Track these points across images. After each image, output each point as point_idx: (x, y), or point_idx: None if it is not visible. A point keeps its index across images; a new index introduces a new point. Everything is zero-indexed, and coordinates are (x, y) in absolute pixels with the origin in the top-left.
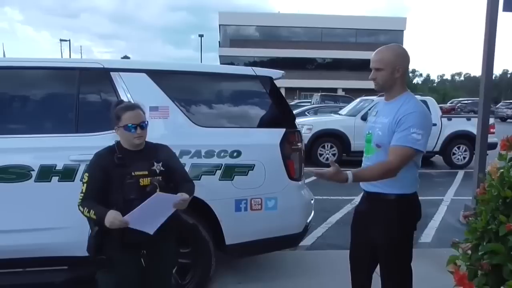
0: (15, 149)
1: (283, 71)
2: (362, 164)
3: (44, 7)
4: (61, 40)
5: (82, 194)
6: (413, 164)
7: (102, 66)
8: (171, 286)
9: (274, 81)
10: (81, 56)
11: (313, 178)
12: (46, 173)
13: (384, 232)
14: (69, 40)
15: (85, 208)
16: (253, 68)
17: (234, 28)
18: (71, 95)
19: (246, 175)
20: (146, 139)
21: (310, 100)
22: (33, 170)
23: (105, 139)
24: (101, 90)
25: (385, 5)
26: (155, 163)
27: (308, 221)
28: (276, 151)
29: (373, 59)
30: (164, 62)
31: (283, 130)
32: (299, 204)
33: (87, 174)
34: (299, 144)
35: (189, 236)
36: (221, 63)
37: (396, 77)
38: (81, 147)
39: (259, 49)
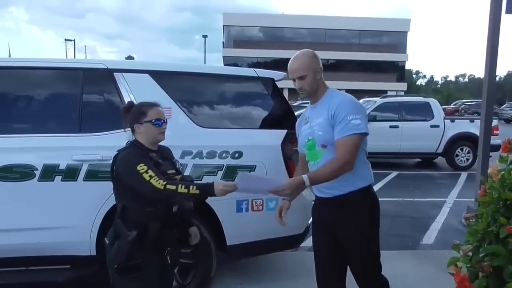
0: (19, 148)
1: (285, 73)
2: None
3: (49, 7)
4: (66, 39)
5: (156, 177)
6: (361, 150)
7: (105, 67)
8: None
9: (276, 82)
10: (86, 56)
11: None
12: (49, 172)
13: (355, 232)
14: (74, 40)
15: (179, 185)
16: (255, 69)
17: (238, 29)
18: (74, 95)
19: None
20: None
21: None
22: (36, 169)
23: (108, 139)
24: (104, 90)
25: (388, 6)
26: (176, 162)
27: (309, 222)
28: (277, 152)
29: (294, 69)
30: (167, 63)
31: (284, 131)
32: (300, 205)
33: (142, 164)
34: None
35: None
36: (224, 64)
37: (318, 78)
38: (84, 147)
39: (262, 50)
